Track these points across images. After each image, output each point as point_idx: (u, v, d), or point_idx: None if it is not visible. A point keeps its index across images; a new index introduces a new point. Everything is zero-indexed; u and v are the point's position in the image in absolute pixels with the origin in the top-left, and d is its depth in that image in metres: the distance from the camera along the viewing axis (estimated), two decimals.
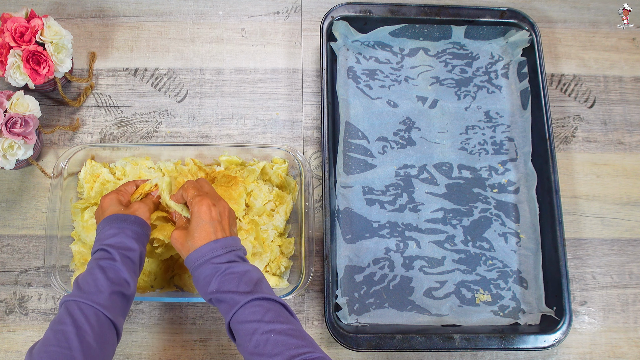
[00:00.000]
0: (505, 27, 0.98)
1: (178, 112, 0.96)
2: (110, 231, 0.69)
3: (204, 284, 0.67)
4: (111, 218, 0.70)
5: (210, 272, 0.66)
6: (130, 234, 0.69)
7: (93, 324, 0.62)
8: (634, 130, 1.00)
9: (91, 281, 0.65)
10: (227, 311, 0.65)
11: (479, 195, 0.94)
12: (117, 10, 1.01)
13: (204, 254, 0.67)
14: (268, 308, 0.63)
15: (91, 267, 0.66)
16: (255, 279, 0.66)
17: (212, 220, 0.69)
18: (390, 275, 0.89)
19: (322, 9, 1.02)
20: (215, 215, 0.69)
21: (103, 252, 0.68)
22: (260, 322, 0.62)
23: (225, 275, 0.65)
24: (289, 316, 0.64)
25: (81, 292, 0.64)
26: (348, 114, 0.96)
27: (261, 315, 0.62)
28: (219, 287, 0.65)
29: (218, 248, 0.67)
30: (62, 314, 0.62)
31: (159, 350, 0.85)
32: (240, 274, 0.66)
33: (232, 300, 0.64)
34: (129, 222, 0.70)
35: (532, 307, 0.88)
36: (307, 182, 0.86)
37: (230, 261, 0.67)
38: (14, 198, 0.91)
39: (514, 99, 0.98)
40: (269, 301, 0.64)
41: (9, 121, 0.81)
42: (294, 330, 0.62)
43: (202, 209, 0.69)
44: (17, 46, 0.83)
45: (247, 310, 0.63)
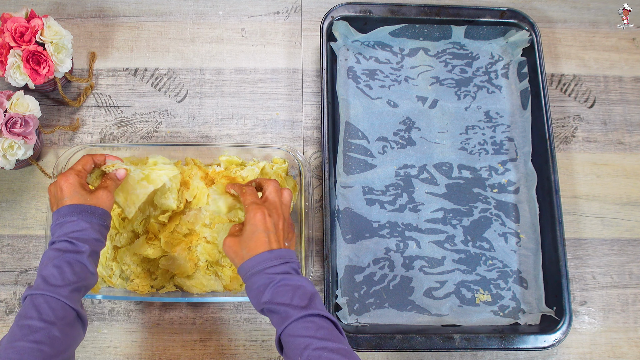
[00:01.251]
0: (505, 27, 0.98)
1: (178, 112, 0.96)
2: (78, 223, 0.68)
3: (257, 293, 0.66)
4: (77, 208, 0.69)
5: (264, 282, 0.66)
6: (98, 228, 0.69)
7: (60, 316, 0.62)
8: (634, 130, 1.00)
9: (58, 274, 0.64)
10: (279, 323, 0.64)
11: (479, 195, 0.94)
12: (117, 10, 1.01)
13: (258, 263, 0.67)
14: (321, 325, 0.63)
15: (56, 259, 0.65)
16: (309, 294, 0.66)
17: (267, 230, 0.68)
18: (390, 275, 0.89)
19: (322, 9, 1.02)
20: (270, 225, 0.69)
21: (68, 244, 0.67)
22: (313, 338, 0.61)
23: (279, 286, 0.65)
24: (339, 335, 0.64)
25: (47, 284, 0.63)
26: (348, 114, 0.96)
27: (314, 332, 0.62)
28: (272, 298, 0.65)
29: (273, 258, 0.67)
30: (28, 307, 0.62)
31: (159, 350, 0.85)
32: (295, 287, 0.65)
33: (285, 313, 0.64)
34: (97, 215, 0.69)
35: (532, 307, 0.88)
36: (307, 182, 0.86)
37: (284, 272, 0.66)
38: (14, 198, 0.91)
39: (514, 99, 0.98)
40: (321, 318, 0.64)
41: (9, 121, 0.81)
42: (345, 350, 0.62)
43: (257, 217, 0.69)
44: (17, 46, 0.83)
45: (300, 324, 0.63)
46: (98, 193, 0.71)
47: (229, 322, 0.87)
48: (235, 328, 0.87)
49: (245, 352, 0.86)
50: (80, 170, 0.73)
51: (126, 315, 0.86)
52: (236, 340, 0.86)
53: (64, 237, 0.67)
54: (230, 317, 0.87)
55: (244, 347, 0.86)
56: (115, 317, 0.86)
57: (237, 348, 0.86)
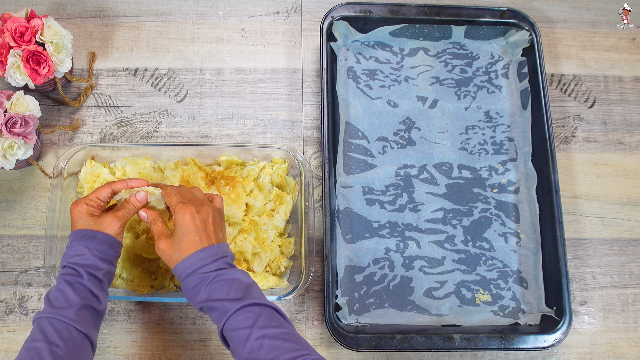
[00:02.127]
0: (505, 27, 0.98)
1: (178, 112, 0.96)
2: (77, 249, 0.68)
3: (193, 293, 0.66)
4: (79, 234, 0.69)
5: (199, 282, 0.66)
6: (97, 254, 0.68)
7: (65, 338, 0.62)
8: (634, 130, 1.00)
9: (61, 297, 0.65)
10: (218, 319, 0.64)
11: (479, 195, 0.94)
12: (117, 10, 1.01)
13: (191, 264, 0.66)
14: (260, 313, 0.63)
15: (60, 283, 0.67)
16: (245, 285, 0.65)
17: (196, 228, 0.68)
18: (390, 275, 0.89)
19: (322, 9, 1.02)
20: (199, 222, 0.68)
21: (70, 269, 0.68)
22: (252, 327, 0.61)
23: (214, 283, 0.65)
24: (281, 320, 0.64)
25: (52, 307, 0.64)
26: (348, 114, 0.96)
27: (253, 321, 0.62)
28: (208, 296, 0.65)
29: (205, 257, 0.66)
30: (35, 331, 0.63)
31: (159, 350, 0.85)
32: (230, 280, 0.65)
33: (223, 308, 0.63)
34: (97, 240, 0.69)
35: (532, 307, 0.88)
36: (307, 182, 0.86)
37: (218, 269, 0.66)
38: (14, 198, 0.91)
39: (514, 99, 0.98)
40: (260, 306, 0.63)
41: (9, 121, 0.81)
42: (287, 333, 0.61)
43: (186, 217, 0.68)
44: (17, 46, 0.83)
45: (239, 316, 0.63)
46: (102, 218, 0.71)
47: None
48: None
49: None
50: (91, 198, 0.72)
51: (126, 315, 0.86)
52: None
53: (65, 263, 0.69)
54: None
55: None
56: (115, 317, 0.86)
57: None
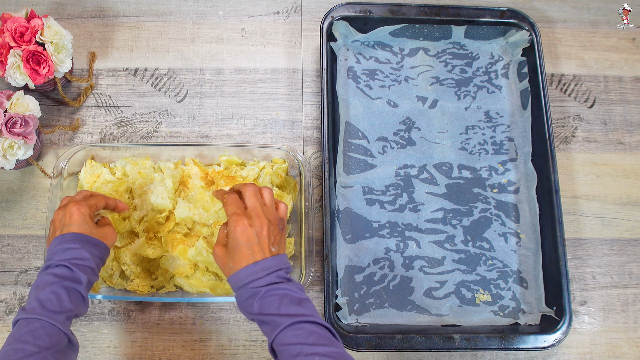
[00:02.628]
0: (505, 27, 0.98)
1: (178, 112, 0.96)
2: (80, 252, 0.69)
3: (246, 305, 0.67)
4: (83, 238, 0.70)
5: (250, 295, 0.66)
6: (97, 261, 0.70)
7: (54, 342, 0.63)
8: (634, 130, 1.00)
9: (55, 300, 0.65)
10: (269, 333, 0.65)
11: (479, 195, 0.94)
12: (117, 10, 1.01)
13: (243, 277, 0.67)
14: (311, 331, 0.63)
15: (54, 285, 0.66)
16: (297, 300, 0.65)
17: (248, 242, 0.68)
18: (390, 275, 0.89)
19: (322, 9, 1.02)
20: (252, 236, 0.68)
21: (67, 270, 0.67)
22: (303, 345, 0.61)
23: (265, 297, 0.65)
24: (332, 338, 0.63)
25: (44, 310, 0.64)
26: (348, 114, 0.96)
27: (304, 338, 0.62)
28: (260, 310, 0.65)
29: (258, 271, 0.66)
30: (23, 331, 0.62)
31: (159, 350, 0.85)
32: (281, 296, 0.65)
33: (274, 323, 0.64)
34: (100, 249, 0.71)
35: (532, 307, 0.88)
36: (307, 182, 0.86)
37: (270, 283, 0.66)
38: (14, 198, 0.91)
39: (514, 99, 0.98)
40: (311, 324, 0.63)
41: (9, 121, 0.81)
42: (337, 353, 0.61)
43: (238, 230, 0.68)
44: (17, 46, 0.83)
45: (290, 332, 0.63)
46: (105, 229, 0.73)
47: (229, 322, 0.87)
48: (235, 328, 0.87)
49: (245, 352, 0.86)
50: (92, 205, 0.73)
51: (126, 315, 0.86)
52: (236, 340, 0.86)
53: (64, 262, 0.68)
54: (230, 317, 0.87)
55: (244, 347, 0.86)
56: (115, 317, 0.86)
57: (237, 348, 0.86)
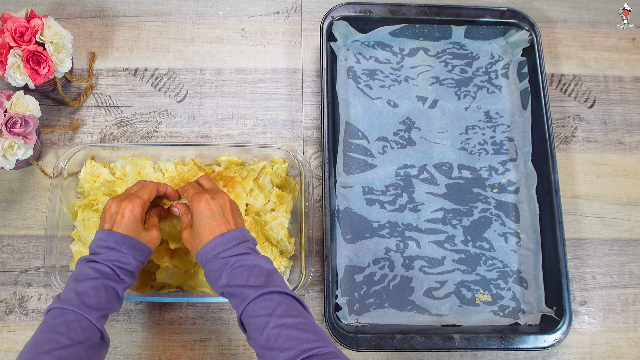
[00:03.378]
0: (505, 27, 0.98)
1: (178, 112, 0.96)
2: (125, 256, 0.68)
3: (214, 278, 0.67)
4: (130, 242, 0.69)
5: (220, 266, 0.66)
6: (138, 264, 0.70)
7: (87, 337, 0.62)
8: (634, 130, 1.00)
9: (94, 296, 0.65)
10: (238, 305, 0.64)
11: (479, 195, 0.94)
12: (117, 10, 1.01)
13: (211, 249, 0.67)
14: (279, 301, 0.63)
15: (96, 281, 0.66)
16: (266, 271, 0.65)
17: (213, 214, 0.68)
18: (390, 275, 0.89)
19: (322, 9, 1.02)
20: (215, 208, 0.69)
21: (112, 271, 0.67)
22: (271, 315, 0.61)
23: (234, 268, 0.65)
24: (300, 309, 0.63)
25: (82, 304, 0.64)
26: (348, 114, 0.96)
27: (272, 309, 0.62)
28: (228, 281, 0.65)
29: (225, 242, 0.67)
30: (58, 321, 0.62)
31: (159, 350, 0.85)
32: (250, 266, 0.65)
33: (242, 295, 0.64)
34: (144, 254, 0.71)
35: (532, 307, 0.88)
36: (307, 182, 0.86)
37: (239, 254, 0.66)
38: (14, 198, 0.91)
39: (514, 99, 0.98)
40: (280, 294, 0.63)
41: (9, 121, 0.81)
42: (305, 324, 0.61)
43: (201, 205, 0.69)
44: (17, 46, 0.83)
45: (258, 304, 0.63)
46: (152, 232, 0.73)
47: (229, 322, 0.87)
48: (235, 328, 0.87)
49: (245, 352, 0.86)
50: (146, 201, 0.73)
51: (126, 315, 0.86)
52: (236, 340, 0.86)
53: (109, 263, 0.67)
54: (230, 317, 0.87)
55: (244, 347, 0.86)
56: (115, 317, 0.86)
57: (237, 348, 0.86)
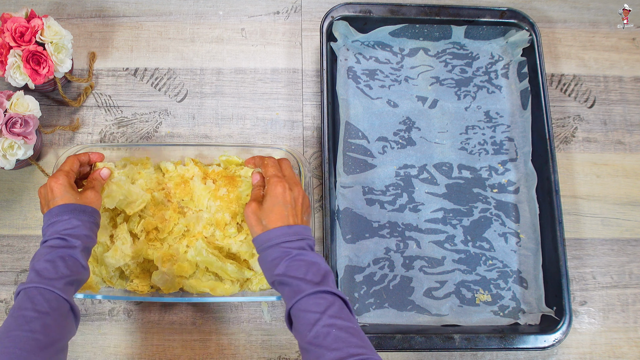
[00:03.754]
0: (505, 27, 0.98)
1: (178, 112, 0.96)
2: (70, 221, 0.69)
3: (271, 265, 0.67)
4: (68, 207, 0.70)
5: (280, 255, 0.66)
6: (88, 225, 0.71)
7: (54, 307, 0.63)
8: (634, 130, 1.00)
9: (50, 268, 0.65)
10: (290, 296, 0.65)
11: (479, 195, 0.94)
12: (117, 10, 1.01)
13: (276, 236, 0.67)
14: (332, 302, 0.63)
15: (48, 254, 0.67)
16: (324, 271, 0.66)
17: (286, 203, 0.69)
18: (390, 275, 0.89)
19: (322, 9, 1.02)
20: (290, 199, 0.70)
21: (61, 241, 0.68)
22: (323, 314, 0.62)
23: (294, 260, 0.66)
24: (349, 314, 0.64)
25: (41, 278, 0.65)
26: (348, 114, 0.96)
27: (325, 308, 0.62)
28: (286, 271, 0.65)
29: (291, 234, 0.68)
30: (22, 299, 0.63)
31: (159, 350, 0.85)
32: (309, 263, 0.66)
33: (298, 287, 0.64)
34: (87, 214, 0.71)
35: (532, 307, 0.88)
36: (307, 182, 0.86)
37: (300, 248, 0.67)
38: (14, 198, 0.91)
39: (514, 99, 0.98)
40: (333, 296, 0.64)
41: (9, 121, 0.81)
42: (354, 329, 0.62)
43: (278, 190, 0.70)
44: (17, 46, 0.83)
45: (312, 300, 0.63)
46: (86, 193, 0.74)
47: (229, 322, 0.87)
48: (235, 328, 0.87)
49: (245, 352, 0.86)
50: (68, 170, 0.74)
51: (126, 315, 0.86)
52: (236, 340, 0.86)
53: (56, 235, 0.68)
54: (230, 317, 0.87)
55: (244, 347, 0.86)
56: (115, 317, 0.86)
57: (237, 348, 0.86)
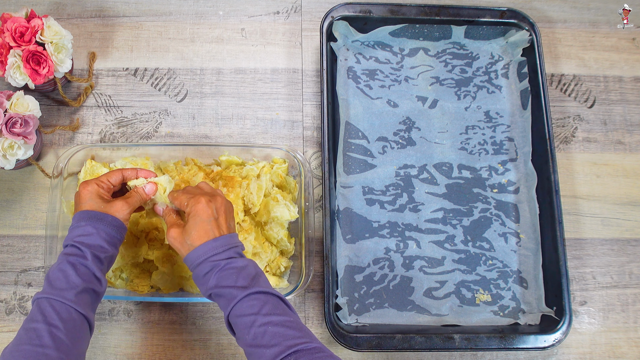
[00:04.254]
0: (505, 27, 0.98)
1: (178, 112, 0.96)
2: (85, 228, 0.68)
3: (203, 280, 0.67)
4: (88, 214, 0.69)
5: (209, 269, 0.67)
6: (104, 235, 0.68)
7: (65, 319, 0.62)
8: (634, 130, 1.00)
9: (62, 277, 0.65)
10: (225, 305, 0.66)
11: (479, 195, 0.94)
12: (117, 10, 1.01)
13: (203, 252, 0.67)
14: (265, 301, 0.64)
15: (61, 263, 0.66)
16: (253, 274, 0.67)
17: (209, 217, 0.69)
18: (390, 275, 0.89)
19: (322, 9, 1.02)
20: (212, 212, 0.69)
21: (74, 249, 0.67)
22: (257, 314, 0.63)
23: (223, 270, 0.66)
24: (285, 308, 0.65)
25: (52, 288, 0.64)
26: (348, 114, 0.96)
27: (258, 308, 0.63)
28: (217, 283, 0.66)
29: (218, 246, 0.68)
30: (34, 311, 0.63)
31: (159, 350, 0.85)
32: (239, 269, 0.67)
33: (230, 295, 0.65)
34: (105, 222, 0.69)
35: (532, 307, 0.88)
36: (307, 182, 0.86)
37: (229, 257, 0.67)
38: (14, 198, 0.91)
39: (514, 99, 0.98)
40: (265, 294, 0.65)
41: (9, 121, 0.81)
42: (290, 322, 0.63)
43: (199, 207, 0.69)
44: (17, 46, 0.83)
45: (245, 303, 0.64)
46: (114, 202, 0.71)
47: None
48: None
49: None
50: (103, 180, 0.73)
51: (126, 315, 0.86)
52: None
53: (70, 242, 0.68)
54: None
55: None
56: (115, 317, 0.86)
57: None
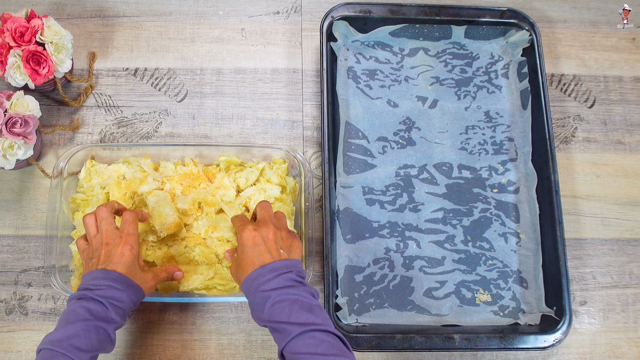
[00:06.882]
0: (505, 27, 0.98)
1: (178, 112, 0.96)
2: (121, 294, 0.68)
3: (256, 312, 0.67)
4: (127, 281, 0.69)
5: (260, 300, 0.66)
6: (131, 306, 0.70)
7: None
8: (634, 130, 1.00)
9: (85, 339, 0.64)
10: (280, 340, 0.65)
11: (479, 195, 0.94)
12: (117, 10, 1.01)
13: (251, 281, 0.67)
14: (322, 340, 0.62)
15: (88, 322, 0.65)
16: (307, 306, 0.65)
17: (255, 244, 0.68)
18: (390, 275, 0.89)
19: (322, 9, 1.02)
20: (257, 239, 0.69)
21: (103, 309, 0.66)
22: (314, 354, 0.61)
23: (274, 303, 0.65)
24: (343, 348, 0.63)
25: (72, 347, 0.63)
26: (348, 114, 0.96)
27: (315, 348, 0.62)
28: (270, 317, 0.65)
29: (265, 273, 0.66)
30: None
31: (159, 350, 0.85)
32: (291, 301, 0.65)
33: (285, 331, 0.64)
34: (138, 295, 0.70)
35: (532, 307, 0.88)
36: (307, 182, 0.86)
37: (280, 287, 0.66)
38: (14, 198, 0.91)
39: (514, 99, 0.98)
40: (322, 332, 0.63)
41: (9, 121, 0.81)
42: None
43: (243, 236, 0.69)
44: (17, 46, 0.83)
45: (300, 341, 0.62)
46: (148, 276, 0.72)
47: (229, 322, 0.87)
48: (235, 328, 0.87)
49: (245, 352, 0.86)
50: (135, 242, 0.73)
51: None
52: (236, 340, 0.86)
53: (103, 299, 0.67)
54: (230, 317, 0.87)
55: (244, 347, 0.86)
56: None
57: (237, 348, 0.86)
